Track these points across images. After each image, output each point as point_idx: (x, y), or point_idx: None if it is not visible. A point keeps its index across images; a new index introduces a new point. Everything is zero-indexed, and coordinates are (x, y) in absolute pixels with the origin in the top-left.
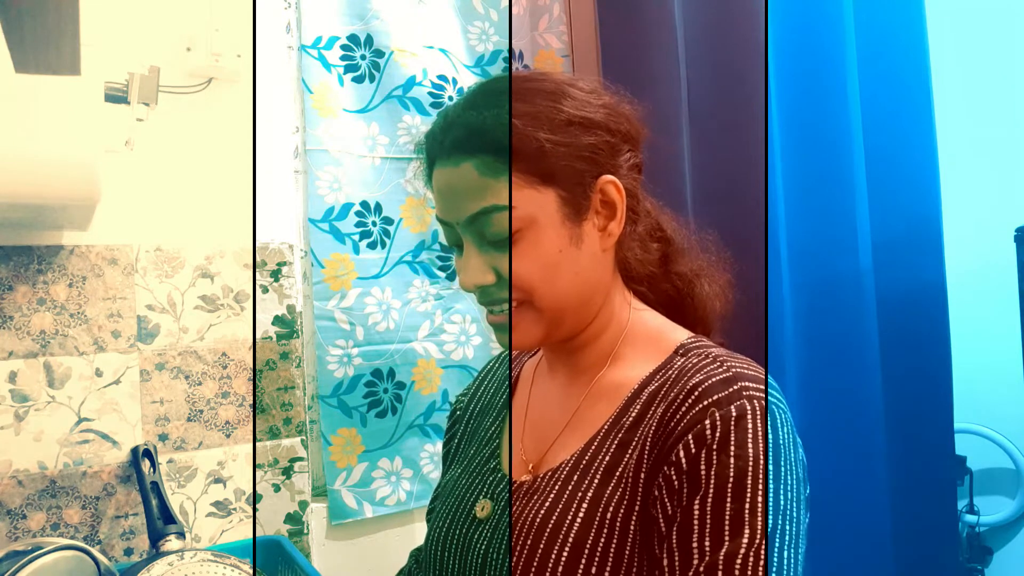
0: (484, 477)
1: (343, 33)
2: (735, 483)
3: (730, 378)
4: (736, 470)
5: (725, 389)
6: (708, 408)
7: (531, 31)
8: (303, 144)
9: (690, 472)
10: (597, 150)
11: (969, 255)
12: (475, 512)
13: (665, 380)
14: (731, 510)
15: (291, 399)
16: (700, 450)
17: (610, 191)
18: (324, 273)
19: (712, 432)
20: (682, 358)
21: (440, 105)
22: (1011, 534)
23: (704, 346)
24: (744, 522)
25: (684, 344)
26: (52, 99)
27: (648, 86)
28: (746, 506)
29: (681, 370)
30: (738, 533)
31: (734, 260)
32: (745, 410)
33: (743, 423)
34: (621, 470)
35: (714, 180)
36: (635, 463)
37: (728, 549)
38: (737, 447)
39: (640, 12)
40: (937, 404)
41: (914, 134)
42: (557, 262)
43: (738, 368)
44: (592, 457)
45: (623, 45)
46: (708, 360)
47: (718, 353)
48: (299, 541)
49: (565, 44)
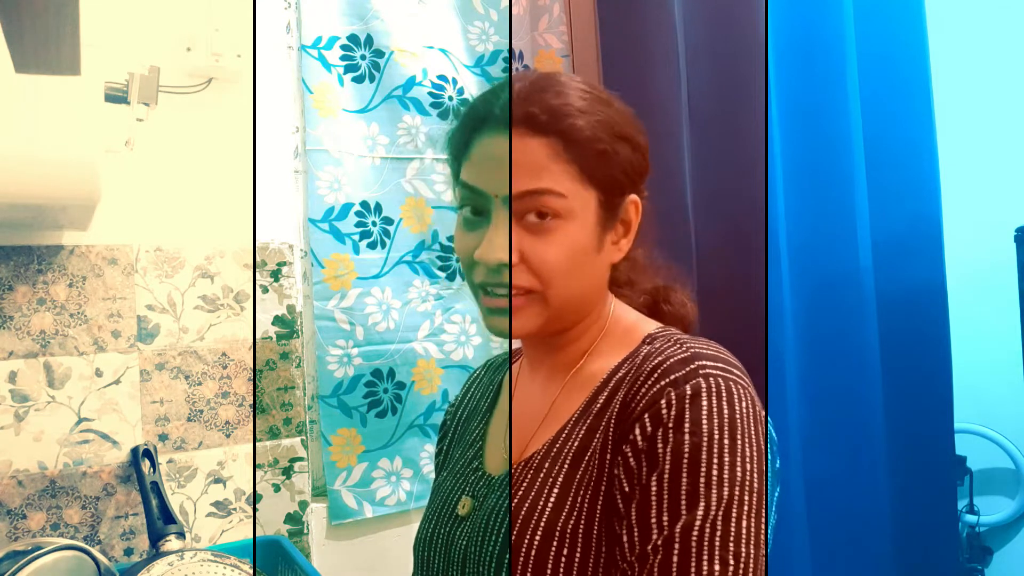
0: (467, 477)
1: (343, 33)
2: (690, 458)
3: (687, 358)
4: (691, 446)
5: (682, 368)
6: (664, 388)
7: (531, 31)
8: (303, 144)
9: (647, 450)
10: (634, 169)
11: (969, 255)
12: (457, 511)
13: (632, 366)
14: (687, 484)
15: (291, 399)
16: (656, 429)
17: (632, 211)
18: (324, 273)
19: (668, 410)
20: (648, 345)
21: (440, 105)
22: (1011, 534)
23: (670, 334)
24: (700, 495)
25: (652, 333)
26: (52, 99)
27: (648, 86)
28: (701, 480)
29: (646, 356)
30: (694, 506)
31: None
32: (700, 388)
33: (698, 400)
34: (589, 455)
35: (714, 179)
36: (600, 446)
37: (684, 522)
38: (692, 424)
39: (640, 12)
40: (937, 404)
41: (914, 134)
42: (581, 261)
43: (696, 348)
44: (563, 445)
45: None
46: (670, 343)
47: (681, 337)
48: (299, 541)
49: (565, 44)
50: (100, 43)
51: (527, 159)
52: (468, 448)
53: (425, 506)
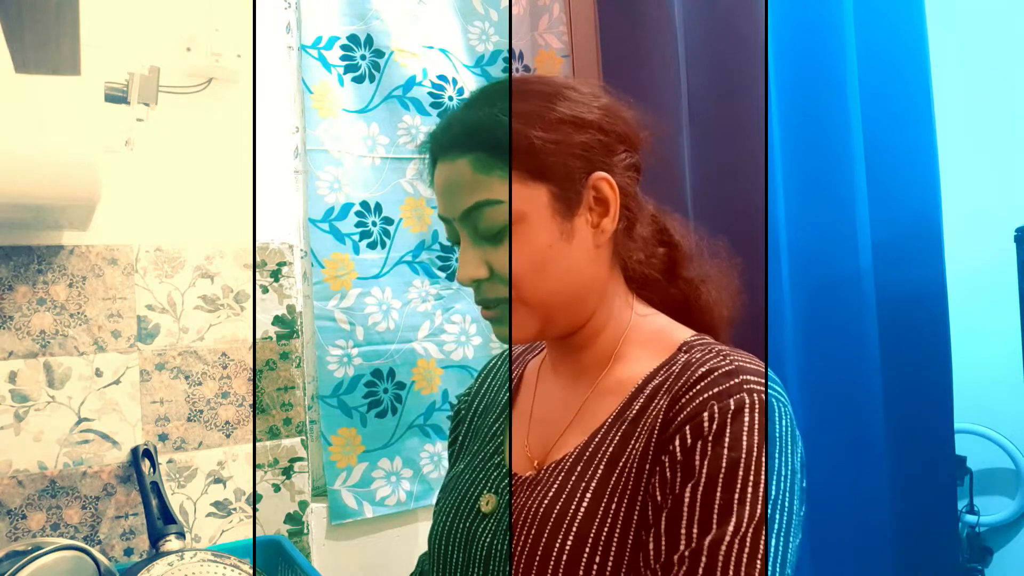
0: (488, 472)
1: (343, 33)
2: (727, 473)
3: (732, 371)
4: (729, 461)
5: (726, 382)
6: (708, 400)
7: (531, 31)
8: (303, 144)
9: (684, 461)
10: (589, 148)
11: (969, 255)
12: (479, 506)
13: (669, 374)
14: (721, 499)
15: (291, 399)
16: (696, 440)
17: (603, 188)
18: (324, 273)
19: (709, 424)
20: (686, 354)
21: (440, 105)
22: (1011, 534)
23: (708, 343)
24: (732, 511)
25: (688, 341)
26: (52, 99)
27: (648, 86)
28: (735, 496)
29: (685, 364)
30: (725, 521)
31: (744, 266)
32: (744, 403)
33: (740, 416)
34: (624, 461)
35: (714, 180)
36: (639, 454)
37: (714, 535)
38: (732, 439)
39: (640, 12)
40: (937, 404)
41: (914, 134)
42: (546, 257)
43: (740, 362)
44: (596, 449)
45: (623, 45)
46: (711, 355)
47: (721, 348)
48: (299, 541)
49: (565, 44)
50: (100, 43)
51: (456, 180)
52: (488, 442)
53: (438, 497)
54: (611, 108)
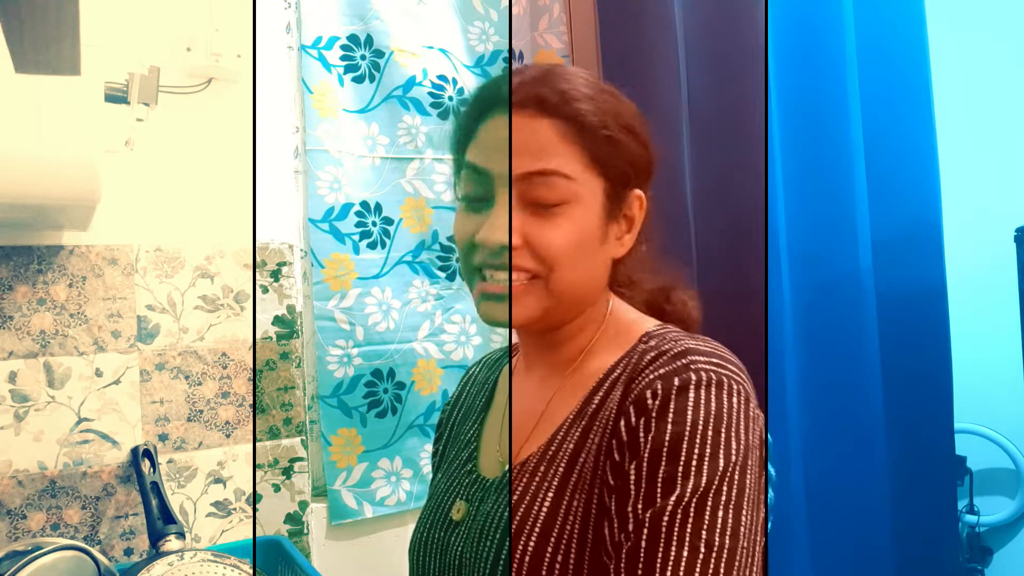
0: (460, 480)
1: (343, 33)
2: (670, 447)
3: (679, 353)
4: (672, 435)
5: (673, 363)
6: (653, 381)
7: (531, 31)
8: (303, 144)
9: (630, 441)
10: (639, 162)
11: (969, 255)
12: (451, 515)
13: (627, 365)
14: (664, 472)
15: (291, 399)
16: (640, 418)
17: (636, 206)
18: (324, 273)
19: (652, 400)
20: (645, 344)
21: (440, 105)
22: (1011, 534)
23: (667, 332)
24: (676, 483)
25: (649, 332)
26: (52, 99)
27: (648, 86)
28: (679, 468)
29: (642, 353)
30: (669, 492)
31: (729, 263)
32: (689, 381)
33: (685, 392)
34: (584, 456)
35: (714, 180)
36: (595, 447)
37: (657, 507)
38: (676, 413)
39: (640, 12)
40: (937, 404)
41: (914, 134)
42: (586, 250)
43: (691, 344)
44: (558, 448)
45: (623, 45)
46: (666, 342)
47: (678, 335)
48: (299, 541)
49: (565, 44)
50: (100, 43)
51: (536, 140)
52: (462, 449)
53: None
54: (648, 132)
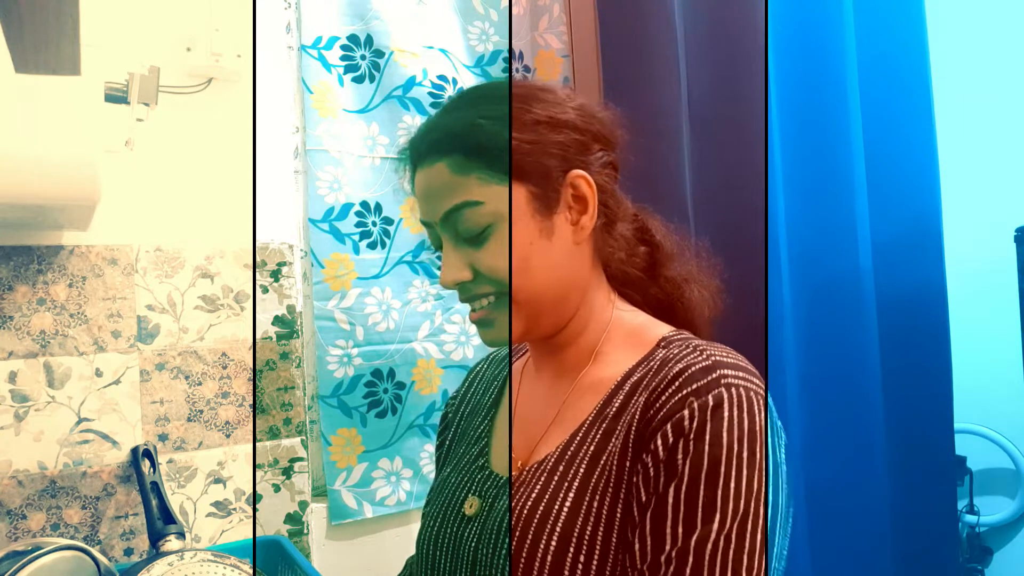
0: (472, 475)
1: (343, 33)
2: (709, 470)
3: (709, 366)
4: (711, 458)
5: (704, 377)
6: (687, 397)
7: (531, 31)
8: (303, 144)
9: (667, 460)
10: (565, 147)
11: (969, 255)
12: (464, 510)
13: (648, 370)
14: (704, 497)
15: (291, 399)
16: (678, 439)
17: (581, 185)
18: (324, 273)
19: (690, 422)
20: (664, 349)
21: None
22: (1011, 534)
23: (686, 338)
24: (716, 508)
25: (666, 337)
26: (52, 99)
27: (648, 86)
28: (719, 492)
29: (663, 360)
30: (710, 519)
31: (729, 263)
32: (722, 398)
33: (720, 412)
34: (605, 458)
35: (714, 180)
36: (619, 451)
37: (700, 534)
38: (713, 436)
39: (640, 12)
40: (937, 404)
41: (914, 134)
42: (528, 254)
43: (717, 356)
44: (577, 447)
45: (623, 45)
46: (689, 350)
47: (698, 343)
48: (299, 541)
49: (565, 44)
50: (100, 43)
51: (436, 183)
52: (473, 445)
53: (426, 501)
54: (585, 108)
